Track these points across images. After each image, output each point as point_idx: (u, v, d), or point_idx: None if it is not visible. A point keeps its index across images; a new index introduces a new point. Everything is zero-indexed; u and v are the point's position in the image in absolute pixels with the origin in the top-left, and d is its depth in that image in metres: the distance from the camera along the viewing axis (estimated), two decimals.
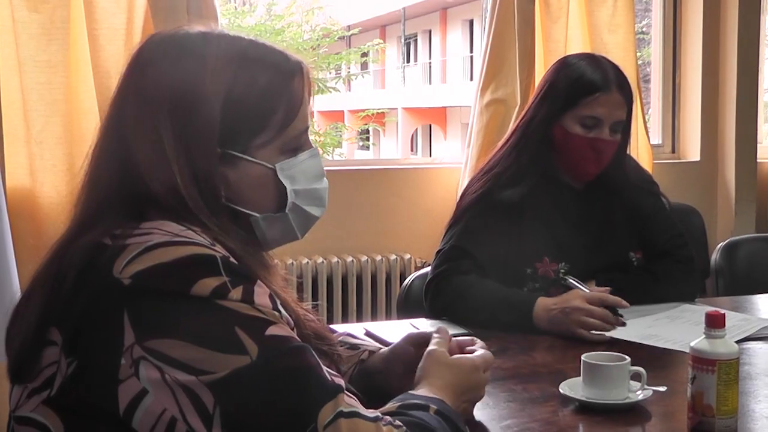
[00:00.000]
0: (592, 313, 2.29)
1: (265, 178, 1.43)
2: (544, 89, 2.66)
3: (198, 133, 1.35)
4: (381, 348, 1.81)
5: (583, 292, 2.36)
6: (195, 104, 1.35)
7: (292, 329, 1.32)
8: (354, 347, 1.79)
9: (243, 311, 1.23)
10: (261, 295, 1.27)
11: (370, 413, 1.28)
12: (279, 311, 1.29)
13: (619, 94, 2.57)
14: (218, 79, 1.37)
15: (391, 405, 1.41)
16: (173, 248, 1.24)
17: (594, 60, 2.65)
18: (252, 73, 1.40)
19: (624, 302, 2.33)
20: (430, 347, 1.61)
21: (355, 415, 1.25)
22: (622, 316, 2.33)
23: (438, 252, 2.61)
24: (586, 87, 2.56)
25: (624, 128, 2.63)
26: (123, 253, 1.24)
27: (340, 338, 1.77)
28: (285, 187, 1.44)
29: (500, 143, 2.74)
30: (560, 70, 2.65)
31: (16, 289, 3.23)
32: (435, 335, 1.65)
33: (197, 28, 1.45)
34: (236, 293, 1.23)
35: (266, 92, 1.40)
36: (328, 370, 1.29)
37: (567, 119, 2.58)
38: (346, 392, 1.28)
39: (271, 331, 1.24)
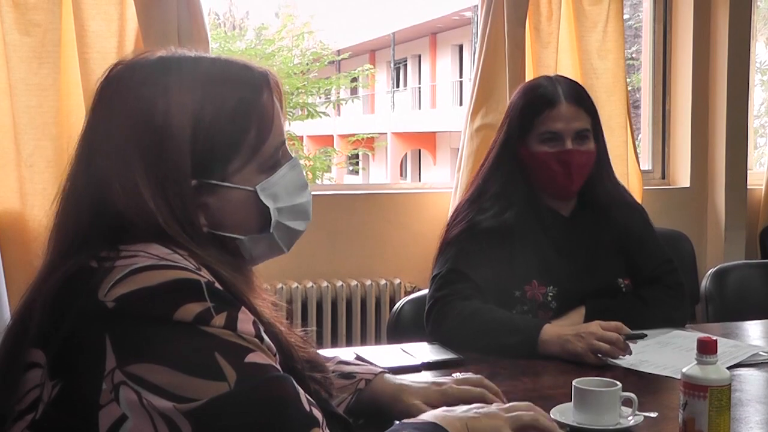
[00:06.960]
0: (604, 337, 2.28)
1: (246, 202, 1.40)
2: (507, 112, 2.74)
3: (168, 166, 1.32)
4: (379, 373, 1.80)
5: (599, 321, 2.35)
6: (162, 137, 1.32)
7: (275, 355, 1.30)
8: (348, 376, 1.76)
9: (224, 337, 1.21)
10: (244, 321, 1.25)
11: None
12: (262, 338, 1.27)
13: (572, 104, 2.63)
14: (183, 108, 1.33)
15: None
16: (158, 272, 1.23)
17: (546, 79, 2.75)
18: (217, 95, 1.36)
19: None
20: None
21: None
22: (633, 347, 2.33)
23: (434, 277, 2.59)
24: (537, 106, 2.64)
25: (595, 138, 2.67)
26: (109, 276, 1.22)
27: (332, 367, 1.76)
28: (268, 208, 1.42)
29: (480, 168, 2.78)
30: (518, 94, 2.74)
31: (5, 311, 3.22)
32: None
33: (157, 54, 1.41)
34: (219, 319, 1.22)
35: (235, 113, 1.36)
36: (309, 399, 1.27)
37: (529, 140, 2.64)
38: (325, 427, 1.26)
39: (251, 358, 1.22)
